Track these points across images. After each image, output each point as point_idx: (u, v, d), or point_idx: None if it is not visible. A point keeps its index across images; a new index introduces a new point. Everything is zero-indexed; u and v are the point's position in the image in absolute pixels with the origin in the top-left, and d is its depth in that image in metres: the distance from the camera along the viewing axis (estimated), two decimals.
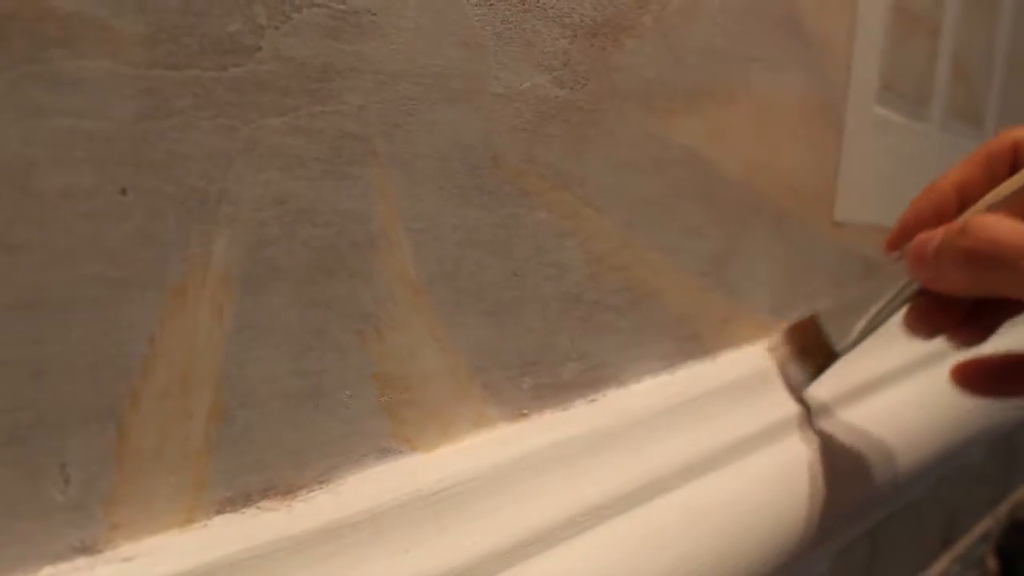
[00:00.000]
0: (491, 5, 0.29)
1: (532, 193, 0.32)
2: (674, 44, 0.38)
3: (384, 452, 0.29)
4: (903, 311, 0.42)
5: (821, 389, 0.48)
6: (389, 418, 0.29)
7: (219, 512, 0.25)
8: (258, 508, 0.26)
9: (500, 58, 0.30)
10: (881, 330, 0.43)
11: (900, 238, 0.41)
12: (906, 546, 0.72)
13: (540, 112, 0.32)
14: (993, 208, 0.36)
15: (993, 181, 0.38)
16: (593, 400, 0.37)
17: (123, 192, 0.22)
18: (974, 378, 0.42)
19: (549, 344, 0.34)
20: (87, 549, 0.22)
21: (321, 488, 0.27)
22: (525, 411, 0.34)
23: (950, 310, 0.40)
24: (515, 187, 0.32)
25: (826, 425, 0.49)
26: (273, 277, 0.25)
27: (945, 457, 0.61)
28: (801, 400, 0.47)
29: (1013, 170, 0.38)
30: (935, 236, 0.36)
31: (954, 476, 0.74)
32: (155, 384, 0.23)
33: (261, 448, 0.25)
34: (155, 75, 0.22)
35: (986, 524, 0.91)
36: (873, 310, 0.42)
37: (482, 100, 0.30)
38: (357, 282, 0.27)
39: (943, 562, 0.81)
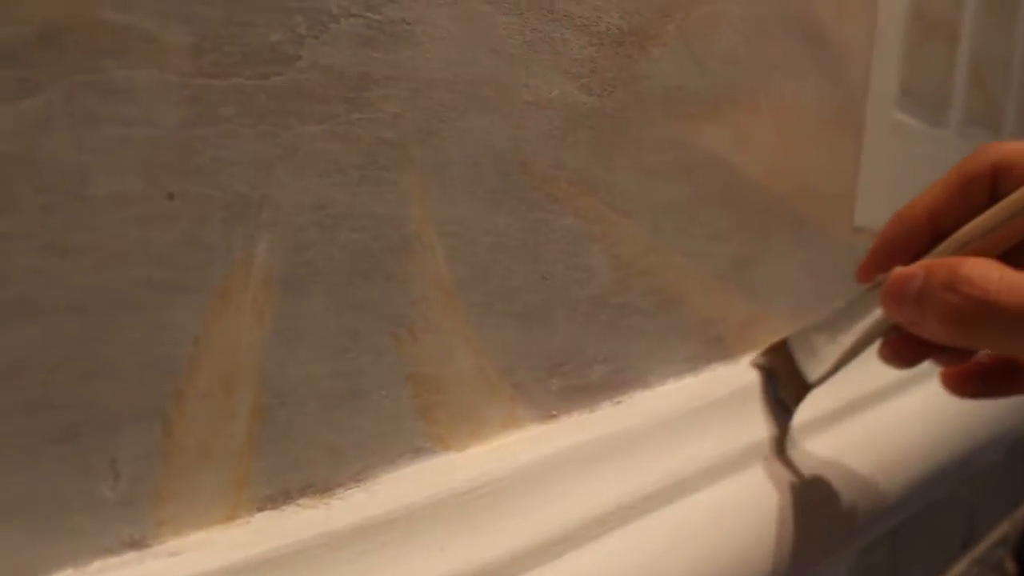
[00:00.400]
0: (521, 14, 0.30)
1: (560, 198, 0.33)
2: (698, 52, 0.38)
3: (418, 451, 0.29)
4: (878, 342, 0.39)
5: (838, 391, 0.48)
6: (423, 418, 0.29)
7: (260, 509, 0.25)
8: (297, 505, 0.26)
9: (529, 66, 0.30)
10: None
11: (872, 267, 0.38)
12: (926, 548, 0.72)
13: (568, 119, 0.32)
14: (973, 243, 0.33)
15: (969, 207, 0.35)
16: (619, 402, 0.37)
17: (170, 197, 0.22)
18: (965, 381, 0.39)
19: (576, 346, 0.35)
20: (135, 544, 0.23)
21: (358, 486, 0.27)
22: (554, 412, 0.34)
23: (930, 344, 0.36)
24: (544, 193, 0.32)
25: (842, 429, 0.49)
26: (312, 280, 0.25)
27: (967, 457, 0.61)
28: (784, 431, 0.44)
29: (992, 195, 0.35)
30: (914, 277, 0.32)
31: (974, 478, 0.74)
32: (200, 384, 0.23)
33: (300, 447, 0.26)
34: (200, 84, 0.22)
35: (1005, 528, 0.91)
36: (846, 341, 0.39)
37: (512, 107, 0.30)
38: (392, 285, 0.27)
39: (962, 564, 0.80)
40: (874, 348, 0.39)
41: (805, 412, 0.45)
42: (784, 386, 0.43)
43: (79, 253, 0.21)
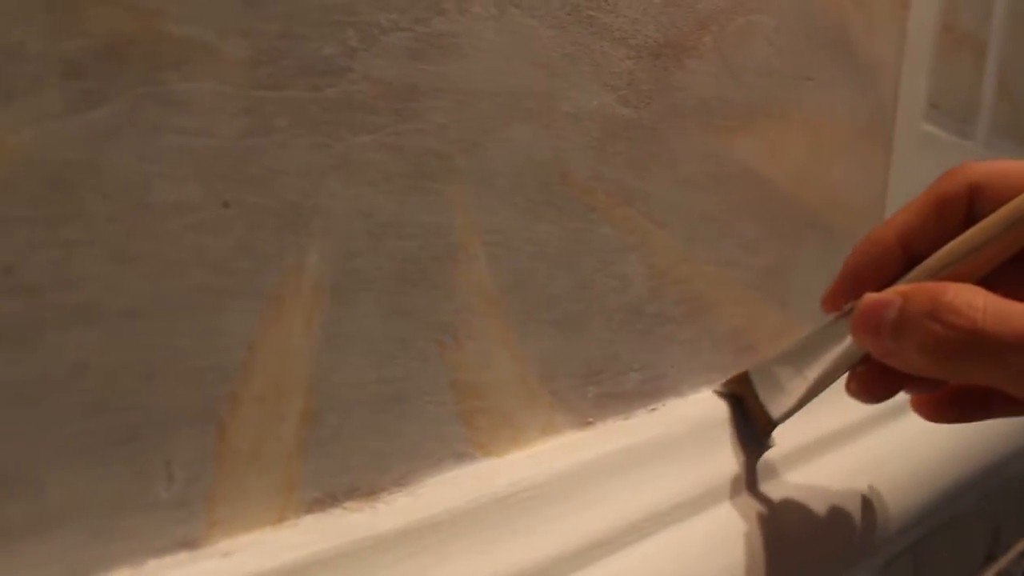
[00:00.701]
0: (562, 28, 0.30)
1: (598, 208, 0.33)
2: (732, 64, 0.39)
3: (460, 456, 0.29)
4: (846, 376, 0.36)
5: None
6: (465, 424, 0.29)
7: (308, 512, 0.26)
8: (343, 508, 0.26)
9: (570, 78, 0.31)
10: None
11: (839, 295, 0.35)
12: (950, 560, 0.72)
13: (606, 130, 0.33)
14: (950, 268, 0.31)
15: (944, 231, 0.32)
16: (654, 409, 0.37)
17: (226, 205, 0.22)
18: (940, 407, 0.36)
19: (612, 354, 0.35)
20: (189, 544, 0.23)
21: (401, 490, 0.28)
22: (590, 419, 0.34)
23: (904, 375, 0.34)
24: (582, 203, 0.32)
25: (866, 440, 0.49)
26: (360, 287, 0.26)
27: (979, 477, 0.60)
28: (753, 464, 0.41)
29: (968, 218, 0.32)
30: (890, 304, 0.30)
31: (999, 491, 0.73)
32: (253, 388, 0.24)
33: (347, 451, 0.26)
34: (256, 95, 0.23)
35: None
36: (812, 374, 0.36)
37: (553, 119, 0.30)
38: (438, 293, 0.28)
39: None
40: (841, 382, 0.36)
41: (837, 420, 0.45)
42: (752, 419, 0.40)
43: (140, 259, 0.21)
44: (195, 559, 0.23)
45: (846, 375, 0.35)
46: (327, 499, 0.26)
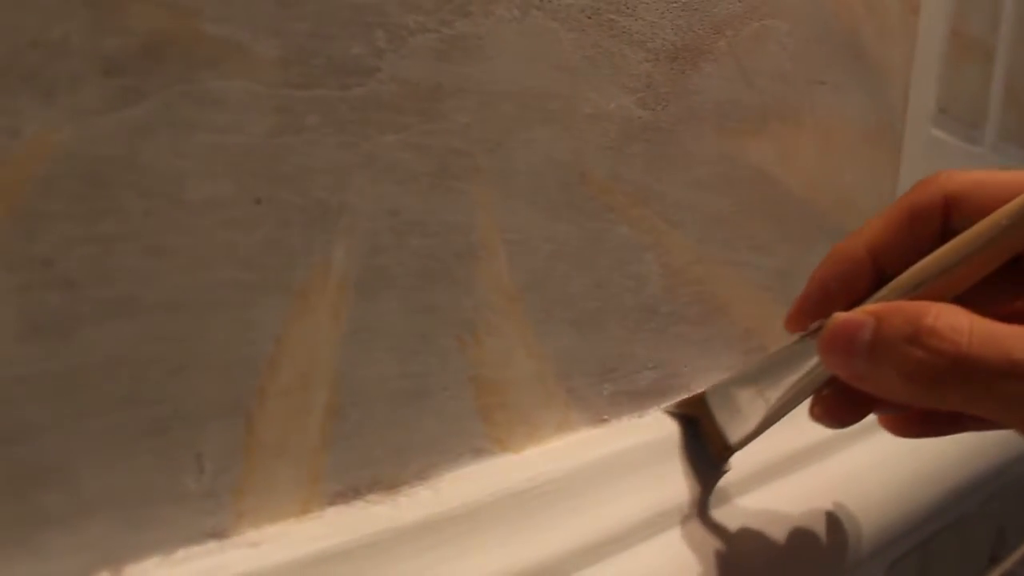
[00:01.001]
0: (583, 31, 0.30)
1: (615, 208, 0.33)
2: (746, 68, 0.39)
3: (478, 452, 0.30)
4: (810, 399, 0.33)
5: None
6: (483, 420, 0.30)
7: (331, 504, 0.26)
8: (366, 501, 0.27)
9: (590, 80, 0.31)
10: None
11: (804, 313, 0.32)
12: (955, 561, 0.72)
13: (624, 132, 0.33)
14: (925, 286, 0.29)
15: (917, 245, 0.30)
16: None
17: (257, 202, 0.23)
18: (908, 423, 0.34)
19: (627, 353, 0.35)
20: (217, 534, 0.23)
21: (422, 484, 0.28)
22: (605, 416, 0.35)
23: (874, 399, 0.32)
24: (600, 202, 0.32)
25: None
26: (384, 284, 0.26)
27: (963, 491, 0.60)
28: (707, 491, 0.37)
29: (944, 231, 0.30)
30: (863, 325, 0.28)
31: (1004, 492, 0.73)
32: (280, 382, 0.24)
33: (369, 445, 0.26)
34: (287, 94, 0.23)
35: None
36: (773, 396, 0.33)
37: (573, 120, 0.31)
38: (459, 290, 0.28)
39: None
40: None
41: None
42: (707, 443, 0.37)
43: (174, 254, 0.21)
44: (223, 548, 0.23)
45: (810, 399, 0.33)
46: (350, 492, 0.26)
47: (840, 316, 0.29)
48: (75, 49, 0.19)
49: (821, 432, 0.38)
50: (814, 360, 0.31)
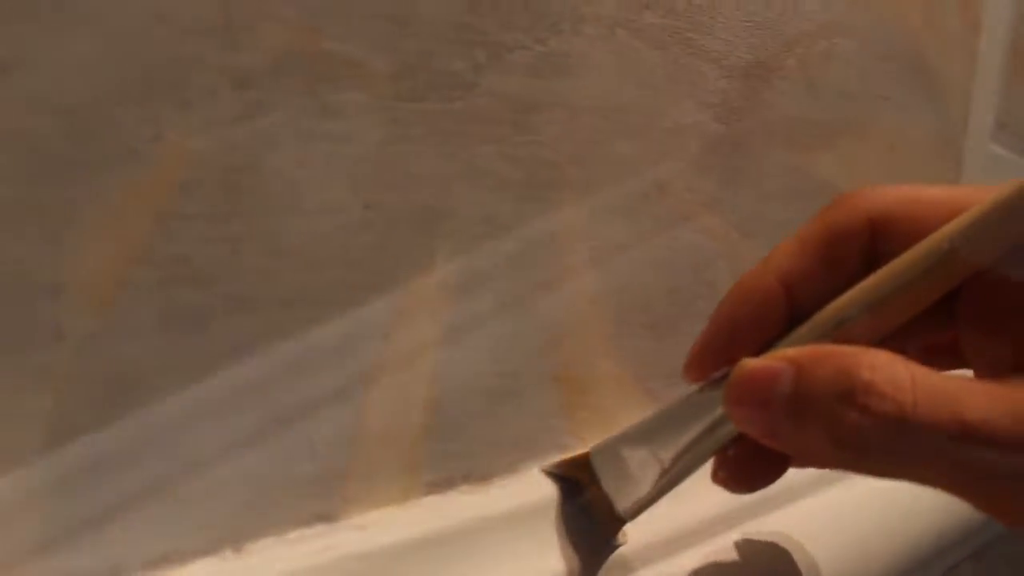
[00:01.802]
0: (664, 49, 0.31)
1: (691, 218, 0.34)
2: (815, 84, 0.39)
3: (562, 448, 0.30)
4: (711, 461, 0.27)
5: None
6: (567, 418, 0.30)
7: (427, 493, 0.27)
8: (459, 491, 0.27)
9: (670, 96, 0.32)
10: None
11: (706, 359, 0.26)
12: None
13: (701, 145, 0.33)
14: (848, 324, 0.23)
15: (837, 272, 0.25)
16: None
17: (367, 207, 0.24)
18: (739, 476, 0.27)
19: None
20: (326, 517, 0.24)
21: (512, 476, 0.29)
22: None
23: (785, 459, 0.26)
24: (677, 212, 0.33)
25: None
26: (479, 285, 0.27)
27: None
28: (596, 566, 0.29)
29: (868, 258, 0.24)
30: (779, 375, 0.22)
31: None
32: (386, 375, 0.25)
33: (465, 438, 0.27)
34: (397, 106, 0.24)
35: None
36: (668, 457, 0.27)
37: (653, 134, 0.31)
38: (546, 293, 0.29)
39: None
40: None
41: None
42: (593, 512, 0.29)
43: (292, 255, 0.22)
44: (333, 531, 0.24)
45: (712, 460, 0.27)
46: (444, 482, 0.27)
47: (749, 363, 0.23)
48: (211, 64, 0.20)
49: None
50: (717, 414, 0.25)
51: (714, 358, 0.26)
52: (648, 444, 0.28)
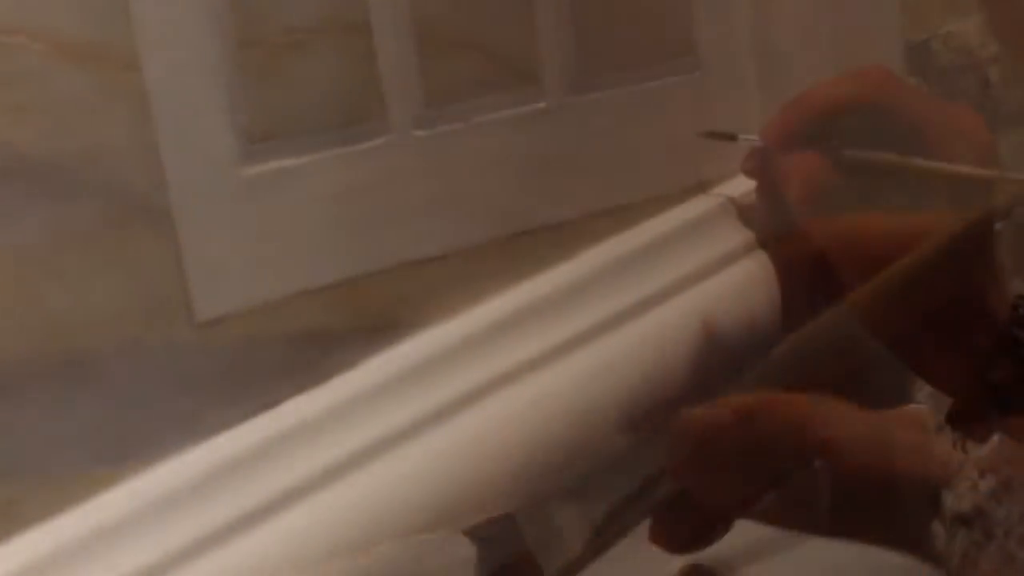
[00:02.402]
0: None
1: None
2: None
3: None
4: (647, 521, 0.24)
5: None
6: None
7: None
8: None
9: None
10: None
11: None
12: None
13: None
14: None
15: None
16: None
17: None
18: (679, 538, 0.24)
19: None
20: None
21: None
22: None
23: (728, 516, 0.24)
24: None
25: None
26: None
27: None
28: None
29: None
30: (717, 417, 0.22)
31: None
32: None
33: None
34: None
35: None
36: (600, 515, 0.25)
37: None
38: None
39: None
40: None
41: None
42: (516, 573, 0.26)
43: None
44: None
45: (649, 520, 0.24)
46: None
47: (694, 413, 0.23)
48: None
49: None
50: (650, 467, 0.23)
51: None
52: (577, 500, 0.26)
